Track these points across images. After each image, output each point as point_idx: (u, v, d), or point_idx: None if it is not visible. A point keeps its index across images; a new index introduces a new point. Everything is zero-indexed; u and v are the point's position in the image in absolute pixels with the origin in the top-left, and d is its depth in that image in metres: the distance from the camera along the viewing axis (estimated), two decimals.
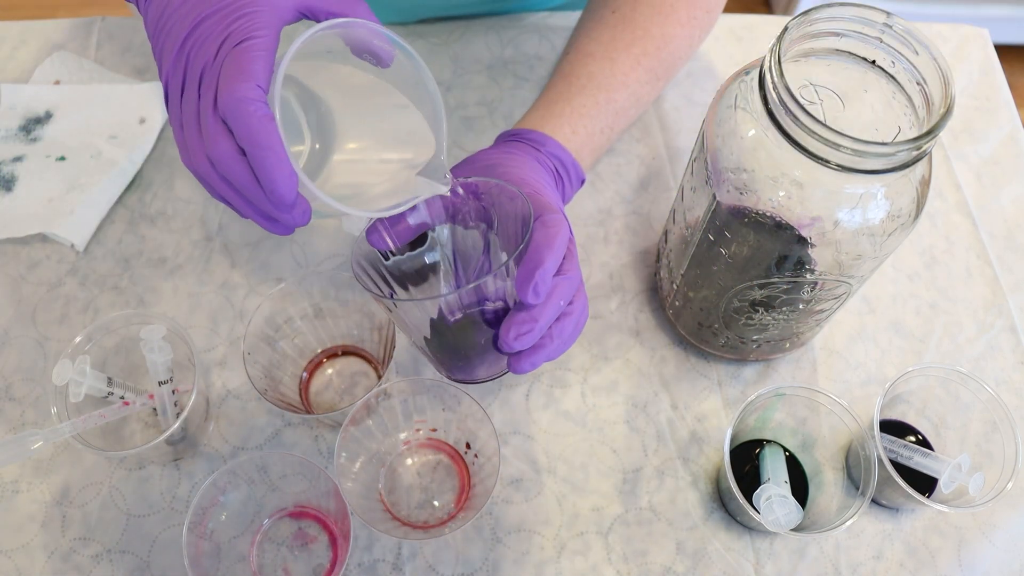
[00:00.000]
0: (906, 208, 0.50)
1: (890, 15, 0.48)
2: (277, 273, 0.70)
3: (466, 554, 0.60)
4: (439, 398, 0.60)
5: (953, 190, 0.77)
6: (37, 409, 0.64)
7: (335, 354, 0.67)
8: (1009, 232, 0.75)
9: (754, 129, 0.50)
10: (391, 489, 0.62)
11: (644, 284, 0.71)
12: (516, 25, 0.83)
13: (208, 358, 0.66)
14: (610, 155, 0.76)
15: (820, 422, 0.62)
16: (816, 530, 0.56)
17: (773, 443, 0.64)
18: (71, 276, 0.69)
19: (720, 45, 0.83)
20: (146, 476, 0.62)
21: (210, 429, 0.64)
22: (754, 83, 0.49)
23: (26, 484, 0.61)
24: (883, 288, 0.72)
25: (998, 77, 0.83)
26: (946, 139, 0.79)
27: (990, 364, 0.69)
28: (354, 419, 0.57)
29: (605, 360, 0.68)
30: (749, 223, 0.52)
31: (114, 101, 0.76)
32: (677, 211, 0.61)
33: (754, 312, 0.59)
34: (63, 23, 0.82)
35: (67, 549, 0.59)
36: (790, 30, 0.47)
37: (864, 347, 0.69)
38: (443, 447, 0.64)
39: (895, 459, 0.61)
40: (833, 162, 0.45)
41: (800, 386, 0.60)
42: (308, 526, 0.61)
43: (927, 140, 0.44)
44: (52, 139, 0.74)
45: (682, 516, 0.62)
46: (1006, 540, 0.62)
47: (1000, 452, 0.59)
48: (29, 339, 0.67)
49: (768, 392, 0.58)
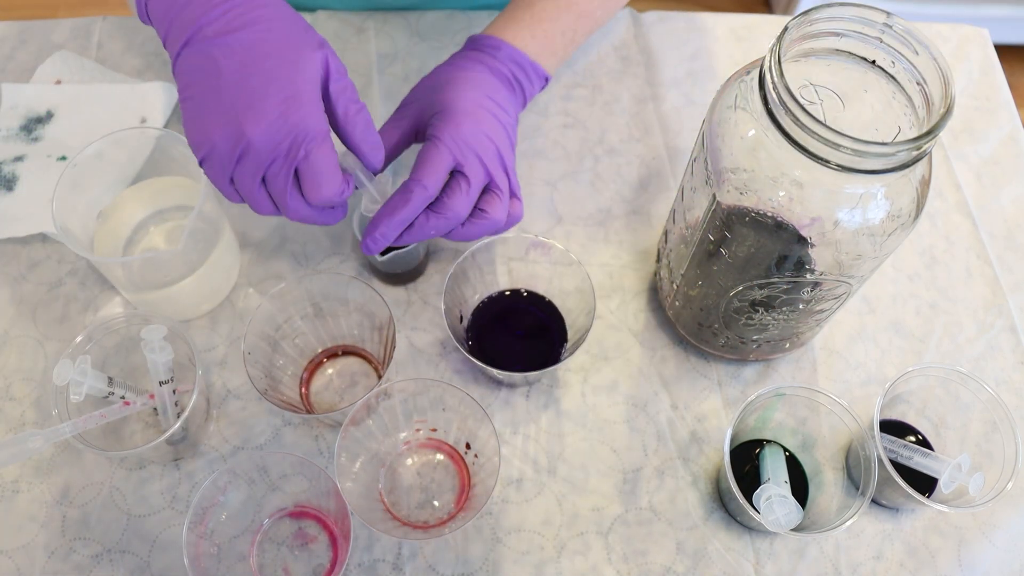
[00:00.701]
0: (906, 208, 0.50)
1: (890, 15, 0.48)
2: (277, 273, 0.70)
3: (466, 554, 0.60)
4: (439, 398, 0.60)
5: (953, 190, 0.77)
6: (37, 409, 0.64)
7: (335, 354, 0.67)
8: (1009, 232, 0.75)
9: (754, 129, 0.50)
10: (391, 489, 0.62)
11: (644, 284, 0.71)
12: None
13: (208, 358, 0.66)
14: (610, 155, 0.76)
15: (820, 422, 0.62)
16: (816, 530, 0.56)
17: (773, 443, 0.64)
18: (71, 276, 0.69)
19: (720, 45, 0.83)
20: (146, 476, 0.62)
21: (210, 429, 0.64)
22: (754, 83, 0.49)
23: (26, 484, 0.61)
24: (883, 288, 0.72)
25: (998, 77, 0.83)
26: (946, 139, 0.79)
27: (990, 364, 0.69)
28: (354, 419, 0.57)
29: (605, 360, 0.68)
30: (749, 223, 0.52)
31: (115, 101, 0.76)
32: (677, 211, 0.61)
33: (754, 312, 0.59)
34: (64, 23, 0.82)
35: (67, 549, 0.59)
36: (790, 30, 0.47)
37: (864, 347, 0.69)
38: (443, 447, 0.64)
39: (895, 459, 0.61)
40: (833, 162, 0.45)
41: (800, 386, 0.60)
42: (308, 526, 0.61)
43: (927, 140, 0.44)
44: (53, 139, 0.74)
45: (682, 516, 0.62)
46: (1006, 540, 0.62)
47: (1000, 452, 0.59)
48: (29, 339, 0.67)
49: (768, 392, 0.58)
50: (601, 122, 0.78)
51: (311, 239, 0.71)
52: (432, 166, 0.57)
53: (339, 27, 0.81)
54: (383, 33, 0.81)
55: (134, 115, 0.75)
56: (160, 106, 0.75)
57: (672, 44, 0.83)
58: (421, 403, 0.61)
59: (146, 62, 0.80)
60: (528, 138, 0.77)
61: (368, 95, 0.78)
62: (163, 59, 0.80)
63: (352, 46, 0.81)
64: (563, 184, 0.75)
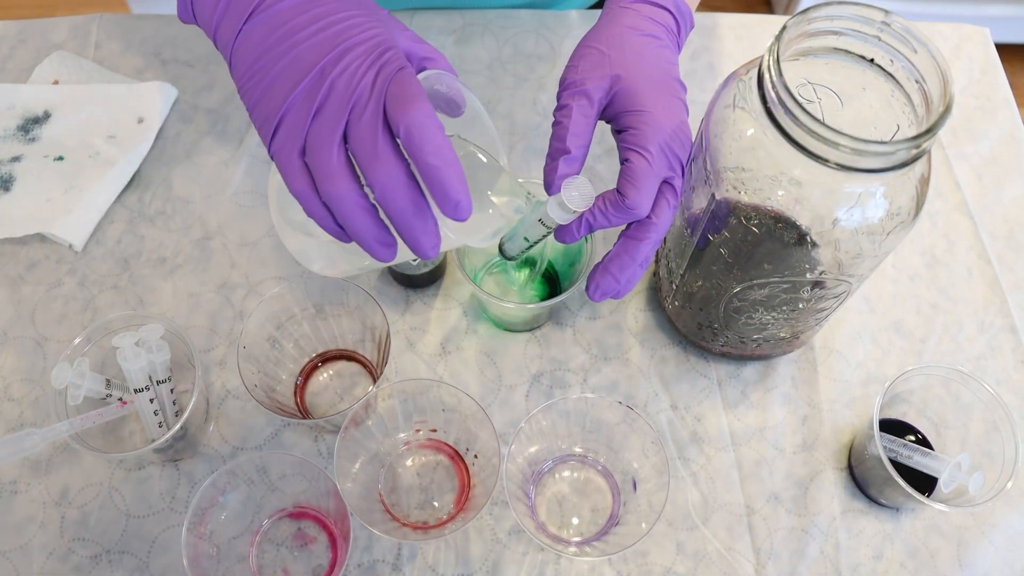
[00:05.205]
0: (905, 207, 0.49)
1: (888, 13, 0.48)
2: (276, 274, 0.70)
3: (466, 554, 0.60)
4: (439, 399, 0.60)
5: (953, 189, 0.77)
6: (36, 409, 0.64)
7: (332, 358, 0.67)
8: (1010, 231, 0.75)
9: (753, 128, 0.49)
10: (391, 490, 0.62)
11: (644, 284, 0.71)
12: (515, 25, 0.83)
13: (208, 358, 0.66)
14: (610, 155, 0.76)
15: (821, 421, 0.62)
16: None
17: None
18: (70, 276, 0.69)
19: (720, 44, 0.83)
20: (145, 477, 0.62)
21: (210, 429, 0.63)
22: (753, 82, 0.49)
23: (25, 485, 0.61)
24: (883, 288, 0.71)
25: (999, 76, 0.83)
26: (946, 138, 0.79)
27: (990, 364, 0.69)
28: (354, 420, 0.57)
29: (605, 360, 0.67)
30: (748, 222, 0.52)
31: (113, 101, 0.76)
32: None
33: (754, 312, 0.59)
34: (62, 22, 0.81)
35: (66, 550, 0.59)
36: (789, 29, 0.47)
37: (864, 347, 0.69)
38: (443, 448, 0.63)
39: (895, 458, 0.61)
40: (832, 161, 0.45)
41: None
42: (308, 527, 0.61)
43: (926, 138, 0.44)
44: (50, 139, 0.74)
45: (682, 516, 0.62)
46: (1006, 540, 0.62)
47: (1000, 452, 0.59)
48: (28, 339, 0.67)
49: None
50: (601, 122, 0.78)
51: None
52: (648, 191, 0.50)
53: None
54: None
55: (132, 115, 0.75)
56: (158, 107, 0.75)
57: None
58: (421, 403, 0.61)
59: (144, 62, 0.79)
60: (528, 138, 0.77)
61: None
62: (161, 59, 0.80)
63: None
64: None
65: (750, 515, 0.62)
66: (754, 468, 0.64)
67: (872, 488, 0.62)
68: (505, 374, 0.66)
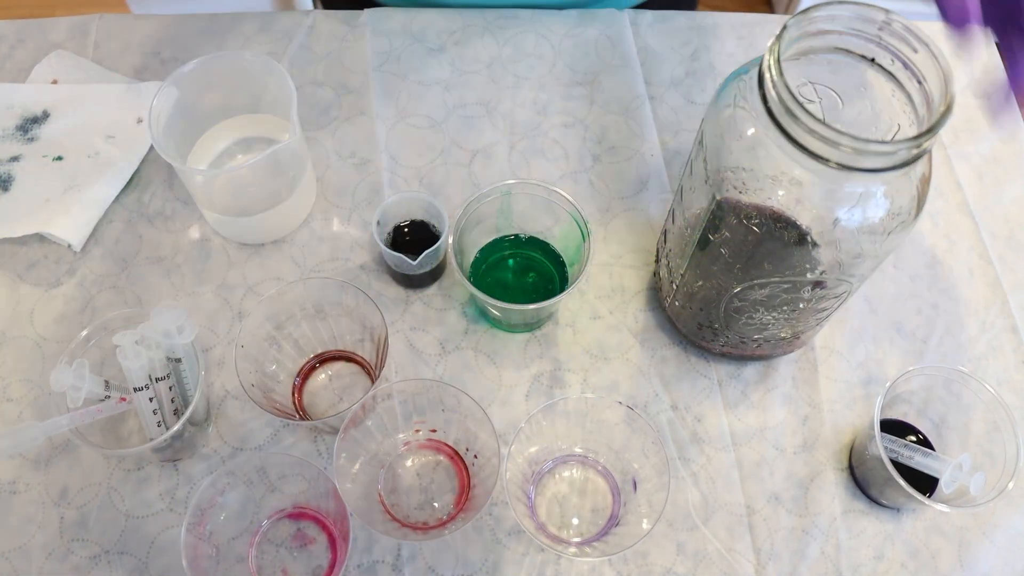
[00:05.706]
0: (906, 206, 0.49)
1: (889, 13, 0.47)
2: (275, 274, 0.70)
3: (466, 555, 0.60)
4: (439, 399, 0.60)
5: (954, 189, 0.76)
6: (35, 409, 0.64)
7: (330, 358, 0.67)
8: (1011, 231, 0.75)
9: (753, 128, 0.49)
10: (391, 490, 0.62)
11: (644, 284, 0.71)
12: (515, 24, 0.82)
13: (207, 358, 0.66)
14: (610, 155, 0.76)
15: (822, 421, 0.61)
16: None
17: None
18: (69, 276, 0.69)
19: (720, 44, 0.83)
20: (144, 477, 0.62)
21: (209, 430, 0.63)
22: (753, 82, 0.48)
23: (23, 485, 0.61)
24: (884, 288, 0.71)
25: (1000, 75, 0.83)
26: (947, 138, 0.79)
27: (991, 364, 0.69)
28: (353, 420, 0.57)
29: (605, 360, 0.67)
30: (749, 222, 0.51)
31: (112, 100, 0.76)
32: (676, 211, 0.61)
33: (754, 312, 0.59)
34: (61, 22, 0.81)
35: (65, 550, 0.59)
36: (789, 28, 0.47)
37: (865, 347, 0.69)
38: (443, 448, 0.63)
39: (896, 459, 0.61)
40: (833, 161, 0.45)
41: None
42: (307, 527, 0.61)
43: (927, 138, 0.44)
44: (49, 139, 0.74)
45: (683, 517, 0.62)
46: (1007, 540, 0.62)
47: (1001, 452, 0.58)
48: (27, 339, 0.66)
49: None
50: (601, 122, 0.78)
51: (310, 242, 0.71)
52: None
53: (335, 26, 0.81)
54: (379, 32, 0.81)
55: (131, 114, 0.75)
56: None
57: (672, 43, 0.82)
58: (420, 404, 0.61)
59: (143, 61, 0.79)
60: (528, 138, 0.77)
61: (366, 93, 0.78)
62: (161, 59, 0.80)
63: (348, 44, 0.80)
64: (562, 184, 0.74)
65: (750, 515, 0.62)
66: (754, 468, 0.64)
67: (873, 488, 0.62)
68: (505, 374, 0.66)
